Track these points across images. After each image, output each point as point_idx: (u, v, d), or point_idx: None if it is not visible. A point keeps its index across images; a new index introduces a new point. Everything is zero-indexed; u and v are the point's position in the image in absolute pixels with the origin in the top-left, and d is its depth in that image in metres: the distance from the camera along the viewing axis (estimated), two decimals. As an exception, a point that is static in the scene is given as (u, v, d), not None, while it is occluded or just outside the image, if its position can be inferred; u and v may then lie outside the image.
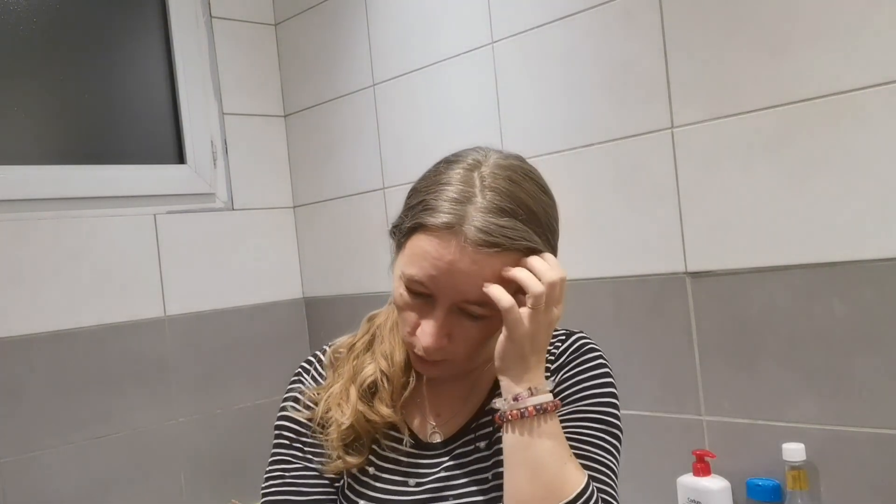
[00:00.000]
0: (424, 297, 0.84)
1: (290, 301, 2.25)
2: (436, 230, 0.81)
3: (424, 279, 0.82)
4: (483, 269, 0.80)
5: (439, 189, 0.83)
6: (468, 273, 0.80)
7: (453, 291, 0.82)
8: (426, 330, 0.84)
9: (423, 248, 0.82)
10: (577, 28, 1.56)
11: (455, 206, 0.81)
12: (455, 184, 0.83)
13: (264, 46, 2.27)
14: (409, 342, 0.88)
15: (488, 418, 0.92)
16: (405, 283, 0.84)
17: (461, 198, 0.81)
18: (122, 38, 2.03)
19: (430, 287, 0.82)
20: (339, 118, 2.12)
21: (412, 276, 0.83)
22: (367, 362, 0.95)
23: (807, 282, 1.28)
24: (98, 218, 1.89)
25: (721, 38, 1.35)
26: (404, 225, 0.85)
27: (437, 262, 0.80)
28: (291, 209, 2.29)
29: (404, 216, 0.86)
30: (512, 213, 0.81)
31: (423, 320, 0.84)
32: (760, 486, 1.30)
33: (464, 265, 0.80)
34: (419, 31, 1.88)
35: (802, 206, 1.28)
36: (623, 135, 1.50)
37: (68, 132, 1.95)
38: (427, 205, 0.83)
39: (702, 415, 1.42)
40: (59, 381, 1.79)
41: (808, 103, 1.26)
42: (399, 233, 0.87)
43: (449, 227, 0.80)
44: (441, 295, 0.82)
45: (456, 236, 0.80)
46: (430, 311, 0.84)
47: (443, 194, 0.83)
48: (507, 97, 1.70)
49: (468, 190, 0.82)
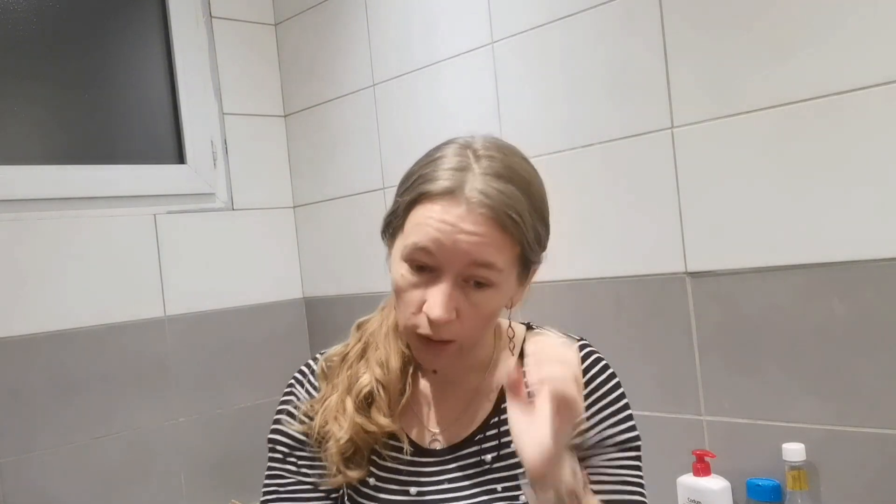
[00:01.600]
0: (428, 271, 0.83)
1: (290, 301, 2.25)
2: (438, 196, 0.81)
3: (429, 244, 0.80)
4: (487, 231, 0.80)
5: (434, 163, 0.84)
6: (473, 232, 0.80)
7: (460, 254, 0.80)
8: (434, 301, 0.81)
9: (426, 215, 0.81)
10: (577, 28, 1.56)
11: (454, 173, 0.82)
12: (450, 156, 0.84)
13: (264, 46, 2.27)
14: (412, 325, 0.85)
15: (494, 432, 0.92)
16: (407, 257, 0.83)
17: (459, 166, 0.82)
18: (122, 38, 2.03)
19: (435, 253, 0.81)
20: (339, 118, 2.12)
21: (416, 244, 0.81)
22: (361, 371, 0.93)
23: (807, 282, 1.28)
24: (98, 218, 1.89)
25: (721, 38, 1.35)
26: (400, 207, 0.85)
27: (441, 224, 0.80)
28: (291, 209, 2.29)
29: (399, 200, 0.87)
30: (509, 179, 0.82)
31: (428, 293, 0.82)
32: (760, 486, 1.30)
33: (468, 225, 0.80)
34: (419, 31, 1.88)
35: (802, 206, 1.28)
36: (623, 135, 1.50)
37: (68, 132, 1.94)
38: (425, 178, 0.83)
39: (702, 415, 1.42)
40: (59, 381, 1.79)
41: (808, 103, 1.26)
42: (395, 218, 0.87)
43: (450, 192, 0.81)
44: (447, 262, 0.81)
45: (457, 199, 0.80)
46: (436, 283, 0.82)
47: (439, 166, 0.83)
48: (507, 97, 1.70)
49: (464, 160, 0.83)
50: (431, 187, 0.82)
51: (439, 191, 0.81)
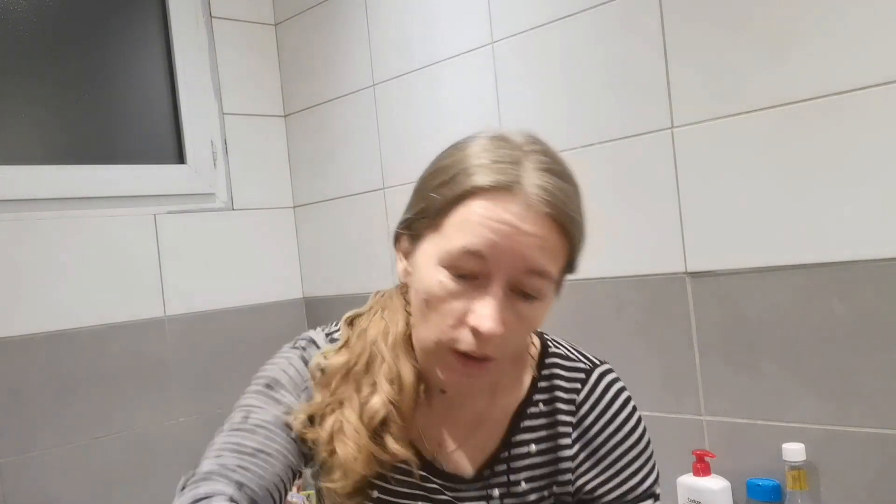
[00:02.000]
0: (472, 278, 0.73)
1: (290, 301, 2.25)
2: (492, 192, 0.71)
3: (484, 248, 0.71)
4: (547, 234, 0.73)
5: (475, 155, 0.74)
6: (534, 234, 0.72)
7: (516, 259, 0.72)
8: (485, 312, 0.72)
9: (479, 213, 0.71)
10: (577, 28, 1.56)
11: (507, 167, 0.72)
12: (493, 148, 0.74)
13: (264, 46, 2.27)
14: (449, 339, 0.74)
15: (503, 468, 0.86)
16: (450, 262, 0.73)
17: (510, 159, 0.73)
18: (122, 37, 2.03)
19: (489, 257, 0.71)
20: (339, 118, 2.12)
21: (465, 248, 0.72)
22: (368, 390, 0.82)
23: (807, 282, 1.28)
24: (98, 218, 1.89)
25: (721, 38, 1.35)
26: (435, 204, 0.74)
27: (498, 224, 0.71)
28: (291, 209, 2.29)
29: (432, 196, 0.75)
30: (561, 174, 0.75)
31: (476, 303, 0.72)
32: (760, 486, 1.30)
33: (528, 226, 0.71)
34: (419, 31, 1.88)
35: (802, 206, 1.28)
36: (623, 135, 1.50)
37: (68, 132, 1.94)
38: (469, 171, 0.73)
39: (702, 415, 1.42)
40: (59, 381, 1.79)
41: (808, 103, 1.26)
42: (425, 217, 0.76)
43: (507, 188, 0.71)
44: (500, 267, 0.72)
45: (514, 195, 0.71)
46: (485, 291, 0.73)
47: (485, 158, 0.73)
48: (507, 97, 1.69)
49: (513, 153, 0.74)
50: (481, 181, 0.72)
51: (493, 184, 0.71)
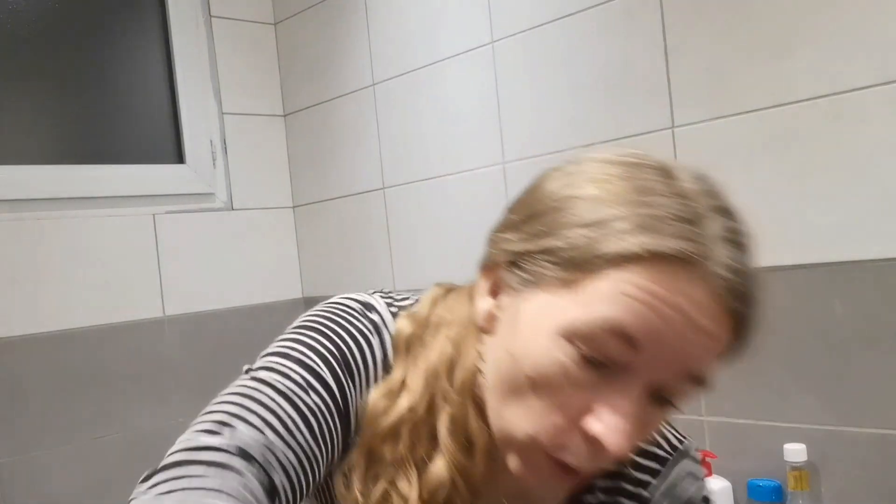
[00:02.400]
0: (604, 366, 0.54)
1: (290, 301, 2.25)
2: (669, 263, 0.52)
3: (641, 333, 0.52)
4: (723, 335, 0.55)
5: (646, 199, 0.54)
6: (708, 334, 0.53)
7: (678, 358, 0.54)
8: (616, 422, 0.53)
9: (644, 287, 0.52)
10: (577, 28, 1.55)
11: (687, 228, 0.53)
12: (667, 193, 0.54)
13: (264, 46, 2.26)
14: (554, 444, 0.56)
15: None
16: (587, 338, 0.54)
17: (688, 214, 0.53)
18: (121, 37, 2.03)
19: (644, 347, 0.53)
20: (339, 118, 2.12)
21: (619, 326, 0.52)
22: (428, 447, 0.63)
23: (807, 282, 1.28)
24: (98, 218, 1.89)
25: (721, 38, 1.35)
26: (583, 250, 0.54)
27: (669, 311, 0.52)
28: (291, 209, 2.29)
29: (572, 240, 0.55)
30: (748, 248, 0.56)
31: (604, 406, 0.54)
32: (761, 486, 1.30)
33: (706, 322, 0.53)
34: (419, 31, 1.88)
35: (803, 206, 1.28)
36: (623, 135, 1.50)
37: (68, 132, 1.94)
38: (642, 222, 0.53)
39: (702, 415, 1.42)
40: (59, 381, 1.79)
41: (808, 103, 1.26)
42: (565, 261, 0.55)
43: (688, 261, 0.52)
44: (653, 363, 0.54)
45: (697, 276, 0.52)
46: (620, 391, 0.54)
47: (660, 207, 0.53)
48: (507, 97, 1.69)
49: (688, 204, 0.54)
50: (659, 245, 0.52)
51: (675, 254, 0.52)
